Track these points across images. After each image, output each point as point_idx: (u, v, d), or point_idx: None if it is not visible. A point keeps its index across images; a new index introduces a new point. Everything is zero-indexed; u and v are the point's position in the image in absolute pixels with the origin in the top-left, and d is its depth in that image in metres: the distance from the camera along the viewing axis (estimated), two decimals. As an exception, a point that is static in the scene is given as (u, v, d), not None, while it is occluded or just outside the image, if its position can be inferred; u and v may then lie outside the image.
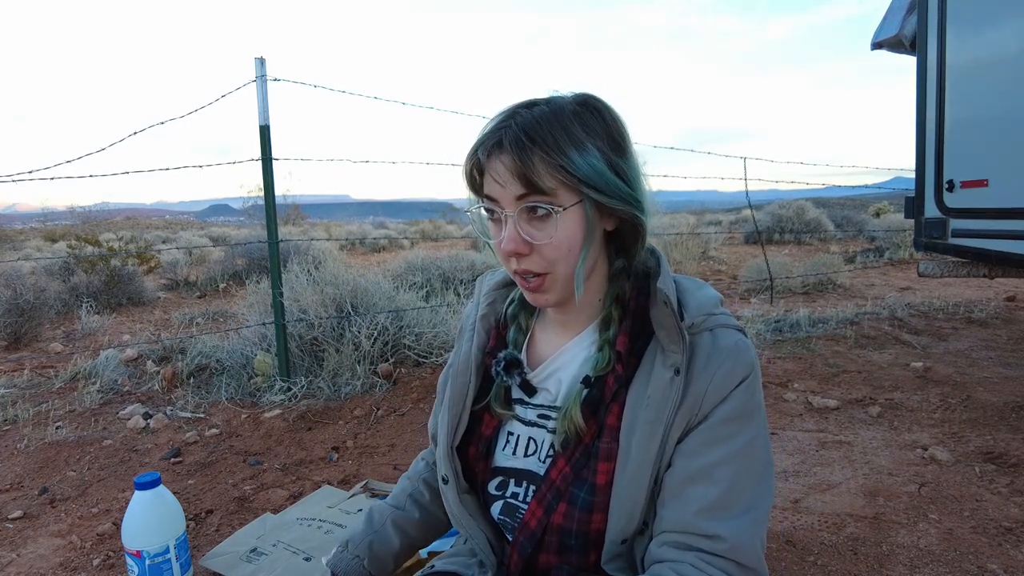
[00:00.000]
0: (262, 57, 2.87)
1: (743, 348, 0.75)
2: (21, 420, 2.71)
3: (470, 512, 0.85)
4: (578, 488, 0.76)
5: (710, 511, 0.70)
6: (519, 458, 0.83)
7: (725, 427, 0.73)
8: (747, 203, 5.99)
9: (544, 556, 0.79)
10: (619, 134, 0.74)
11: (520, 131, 0.69)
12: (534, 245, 0.72)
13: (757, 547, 0.71)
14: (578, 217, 0.72)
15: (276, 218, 3.06)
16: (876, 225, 11.34)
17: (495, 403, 0.85)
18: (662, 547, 0.72)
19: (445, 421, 0.86)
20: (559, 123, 0.70)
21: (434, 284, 4.98)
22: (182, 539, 1.39)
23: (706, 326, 0.76)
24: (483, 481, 0.86)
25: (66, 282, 6.21)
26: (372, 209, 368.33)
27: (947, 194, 2.77)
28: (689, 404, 0.73)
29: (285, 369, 3.04)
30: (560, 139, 0.69)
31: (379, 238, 11.35)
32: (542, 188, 0.69)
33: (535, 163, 0.68)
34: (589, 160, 0.70)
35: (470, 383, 0.85)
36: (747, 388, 0.74)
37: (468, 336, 0.89)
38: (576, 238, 0.72)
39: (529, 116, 0.71)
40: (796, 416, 2.59)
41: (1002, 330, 3.92)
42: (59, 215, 25.04)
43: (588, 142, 0.70)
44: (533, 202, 0.71)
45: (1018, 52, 2.41)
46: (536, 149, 0.68)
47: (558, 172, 0.69)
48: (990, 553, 1.58)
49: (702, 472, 0.72)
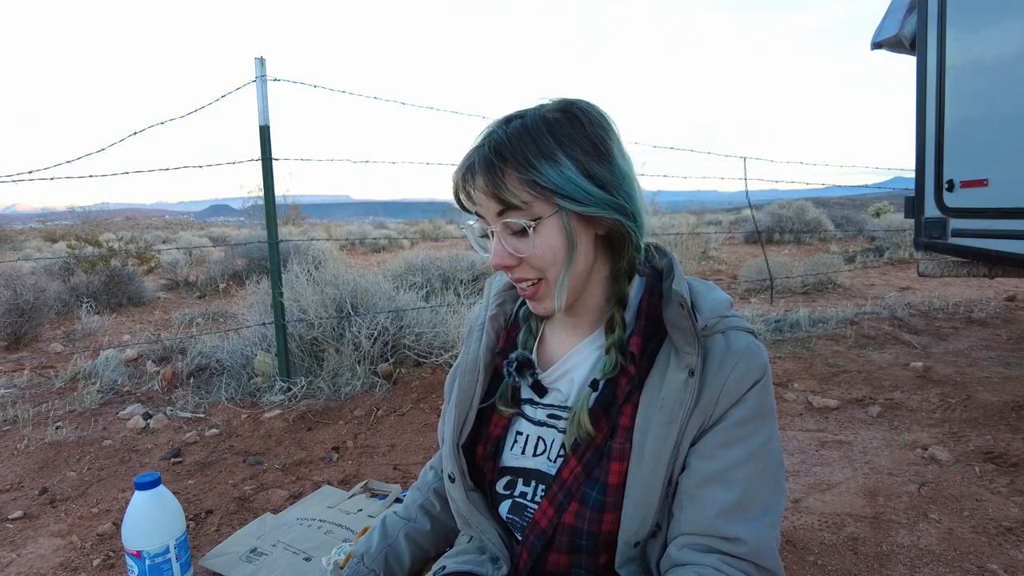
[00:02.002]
0: (262, 57, 2.87)
1: (756, 351, 0.76)
2: (21, 420, 2.71)
3: (479, 509, 0.86)
4: (590, 488, 0.76)
5: (729, 513, 0.71)
6: (528, 458, 0.84)
7: (740, 429, 0.73)
8: (747, 203, 5.99)
9: (554, 556, 0.79)
10: (599, 140, 0.74)
11: (491, 151, 0.71)
12: (520, 257, 0.74)
13: (774, 548, 0.72)
14: (557, 227, 0.73)
15: (276, 218, 3.06)
16: (876, 225, 11.35)
17: (500, 402, 0.85)
18: (682, 550, 0.72)
19: (452, 419, 0.87)
20: (531, 137, 0.71)
21: (434, 284, 4.98)
22: (182, 539, 1.39)
23: (719, 328, 0.76)
24: (491, 481, 0.86)
25: (66, 282, 6.21)
26: (372, 209, 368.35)
27: (947, 194, 2.77)
28: (703, 406, 0.73)
29: (285, 369, 3.04)
30: (530, 154, 0.70)
31: (379, 238, 11.34)
32: (515, 204, 0.71)
33: (506, 181, 0.71)
34: (561, 171, 0.71)
35: (478, 382, 0.86)
36: (761, 390, 0.75)
37: (477, 336, 0.90)
38: (559, 246, 0.73)
39: (502, 134, 0.72)
40: (796, 416, 2.59)
41: (1002, 330, 3.92)
42: (59, 215, 25.06)
43: (560, 153, 0.71)
44: (510, 218, 0.73)
45: (1018, 52, 2.41)
46: (507, 167, 0.71)
47: (529, 187, 0.71)
48: (990, 553, 1.58)
49: (719, 474, 0.72)
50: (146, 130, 3.09)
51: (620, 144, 0.77)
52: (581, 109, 0.75)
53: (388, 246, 12.64)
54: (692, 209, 18.49)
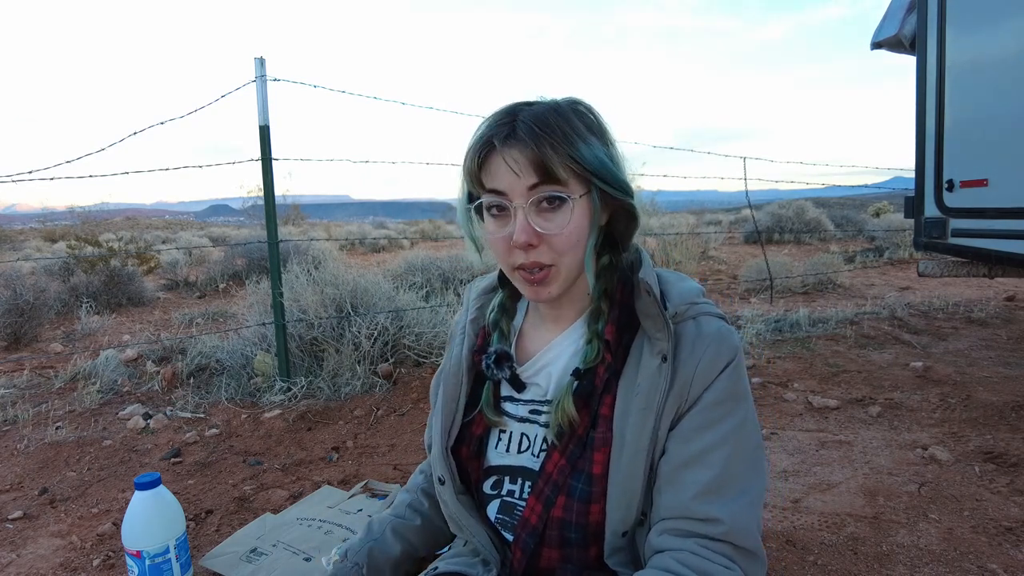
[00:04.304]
0: (262, 57, 2.87)
1: (726, 333, 0.77)
2: (21, 420, 2.71)
3: (469, 512, 0.86)
4: (576, 479, 0.77)
5: (706, 495, 0.71)
6: (512, 455, 0.84)
7: (715, 410, 0.74)
8: (747, 203, 5.99)
9: (547, 551, 0.80)
10: (606, 130, 0.78)
11: (532, 122, 0.71)
12: (543, 236, 0.73)
13: (753, 529, 0.72)
14: (587, 207, 0.75)
15: (276, 218, 3.06)
16: (876, 225, 11.34)
17: (487, 409, 0.85)
18: (662, 535, 0.73)
19: (439, 423, 0.87)
20: (563, 117, 0.72)
21: (434, 284, 4.98)
22: (182, 539, 1.39)
23: (689, 314, 0.78)
24: (477, 480, 0.87)
25: (66, 282, 6.21)
26: (372, 209, 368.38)
27: (947, 194, 2.77)
28: (678, 390, 0.74)
29: (285, 369, 3.04)
30: (567, 131, 0.71)
31: (379, 238, 11.35)
32: (558, 177, 0.71)
33: (548, 152, 0.70)
34: (594, 151, 0.73)
35: (462, 384, 0.87)
36: (733, 371, 0.76)
37: (459, 340, 0.90)
38: (584, 228, 0.75)
39: (533, 111, 0.72)
40: (796, 416, 2.59)
41: (1002, 330, 3.92)
42: (59, 215, 25.03)
43: (589, 134, 0.73)
44: (549, 191, 0.72)
45: (1018, 52, 2.41)
46: (548, 139, 0.70)
47: (569, 162, 0.71)
48: (990, 553, 1.58)
49: (696, 456, 0.73)
50: (146, 130, 3.09)
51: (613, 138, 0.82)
52: (584, 104, 0.78)
53: (388, 246, 12.64)
54: (692, 209, 18.49)
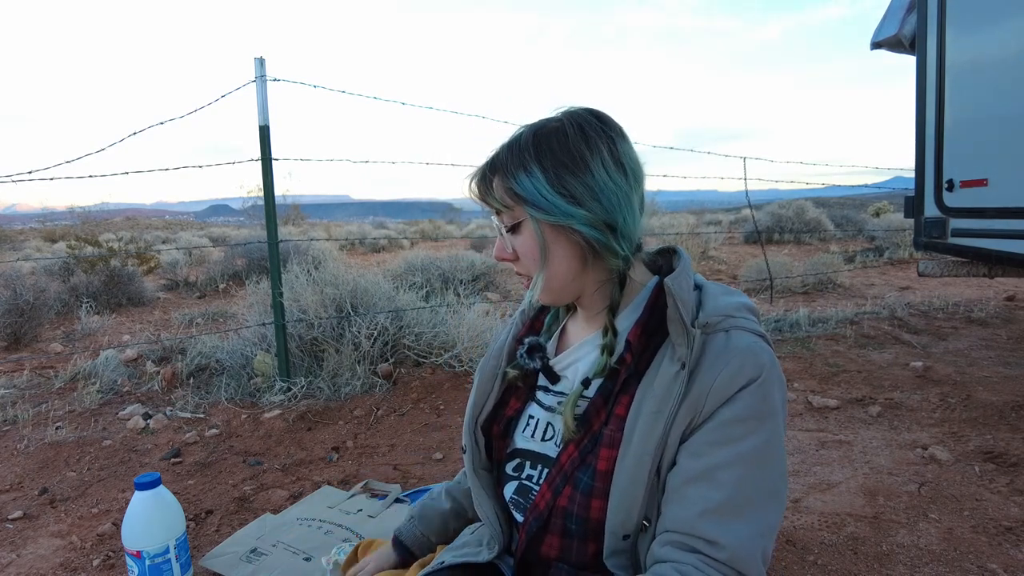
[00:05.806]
0: (262, 57, 2.87)
1: (756, 350, 0.74)
2: (21, 420, 2.71)
3: (483, 485, 0.93)
4: (582, 472, 0.79)
5: (713, 514, 0.69)
6: (537, 441, 0.88)
7: (732, 428, 0.72)
8: (747, 203, 5.99)
9: (548, 537, 0.82)
10: (578, 152, 0.77)
11: (488, 163, 0.83)
12: (514, 252, 0.84)
13: (758, 558, 0.70)
14: (531, 232, 0.80)
15: (276, 218, 3.06)
16: (876, 225, 11.34)
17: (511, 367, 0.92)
18: (665, 547, 0.73)
19: (472, 398, 0.95)
20: (518, 147, 0.80)
21: (434, 284, 4.98)
22: (182, 539, 1.39)
23: (722, 327, 0.77)
24: (500, 459, 0.92)
25: (66, 282, 6.21)
26: (372, 209, 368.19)
27: (947, 193, 2.77)
28: (692, 400, 0.73)
29: (285, 369, 3.04)
30: (512, 164, 0.79)
31: (379, 238, 11.35)
32: (498, 207, 0.82)
33: (493, 187, 0.81)
34: (532, 182, 0.78)
35: (500, 366, 0.94)
36: (758, 389, 0.72)
37: (509, 326, 1.00)
38: (533, 247, 0.81)
39: (506, 143, 0.82)
40: (796, 416, 2.59)
41: (1002, 329, 3.92)
42: (59, 215, 25.03)
43: (534, 164, 0.78)
44: (502, 219, 0.83)
45: (1018, 52, 2.41)
46: (496, 176, 0.81)
47: (506, 193, 0.80)
48: (990, 553, 1.58)
49: (705, 473, 0.71)
50: (146, 130, 3.08)
51: (612, 155, 0.78)
52: (576, 120, 0.79)
53: (388, 246, 12.64)
54: (692, 209, 18.48)
